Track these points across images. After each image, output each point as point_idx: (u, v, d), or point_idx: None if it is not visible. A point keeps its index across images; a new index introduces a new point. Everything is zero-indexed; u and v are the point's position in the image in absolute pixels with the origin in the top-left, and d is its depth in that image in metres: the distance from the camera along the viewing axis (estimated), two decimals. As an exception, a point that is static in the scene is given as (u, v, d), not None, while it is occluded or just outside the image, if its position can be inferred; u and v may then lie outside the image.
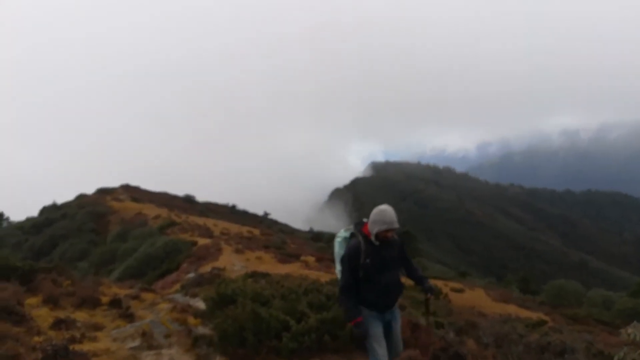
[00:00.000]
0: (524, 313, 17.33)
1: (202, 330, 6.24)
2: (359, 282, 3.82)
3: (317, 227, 69.07)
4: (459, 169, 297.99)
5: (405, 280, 4.14)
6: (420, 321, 5.97)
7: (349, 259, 3.81)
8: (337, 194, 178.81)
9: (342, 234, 4.18)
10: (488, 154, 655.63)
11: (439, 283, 17.30)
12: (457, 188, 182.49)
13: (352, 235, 4.02)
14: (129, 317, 6.96)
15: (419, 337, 5.15)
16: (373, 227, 3.78)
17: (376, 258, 3.78)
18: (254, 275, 12.77)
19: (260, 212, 66.22)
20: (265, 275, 12.86)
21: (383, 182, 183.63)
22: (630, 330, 4.07)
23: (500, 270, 79.62)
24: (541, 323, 13.68)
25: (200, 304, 8.28)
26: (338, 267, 4.04)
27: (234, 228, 37.15)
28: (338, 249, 4.14)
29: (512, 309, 17.37)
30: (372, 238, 3.79)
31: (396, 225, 3.73)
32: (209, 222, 38.21)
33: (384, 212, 3.75)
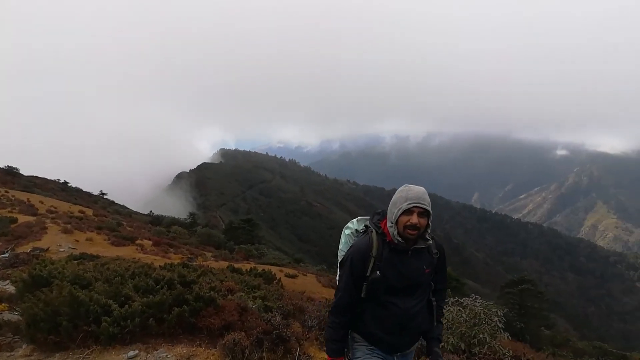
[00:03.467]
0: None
1: (9, 316, 5.61)
2: (362, 303, 2.42)
3: (158, 211, 65.15)
4: (303, 162, 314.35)
5: None
6: (249, 304, 6.26)
7: (350, 265, 2.39)
8: (182, 178, 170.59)
9: (353, 224, 2.72)
10: (330, 151, 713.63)
11: (274, 269, 18.22)
12: (300, 180, 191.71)
13: (366, 229, 2.54)
14: None
15: (246, 321, 5.29)
16: (392, 210, 2.36)
17: (393, 271, 2.35)
18: (81, 257, 11.84)
19: (96, 192, 60.78)
20: (94, 257, 12.02)
21: (231, 170, 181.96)
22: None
23: (333, 259, 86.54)
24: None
25: (11, 288, 7.36)
26: (339, 272, 2.61)
27: (64, 206, 33.63)
28: (342, 245, 2.71)
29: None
30: (394, 234, 2.34)
31: (425, 204, 2.31)
32: (34, 199, 33.84)
33: (409, 187, 2.39)
